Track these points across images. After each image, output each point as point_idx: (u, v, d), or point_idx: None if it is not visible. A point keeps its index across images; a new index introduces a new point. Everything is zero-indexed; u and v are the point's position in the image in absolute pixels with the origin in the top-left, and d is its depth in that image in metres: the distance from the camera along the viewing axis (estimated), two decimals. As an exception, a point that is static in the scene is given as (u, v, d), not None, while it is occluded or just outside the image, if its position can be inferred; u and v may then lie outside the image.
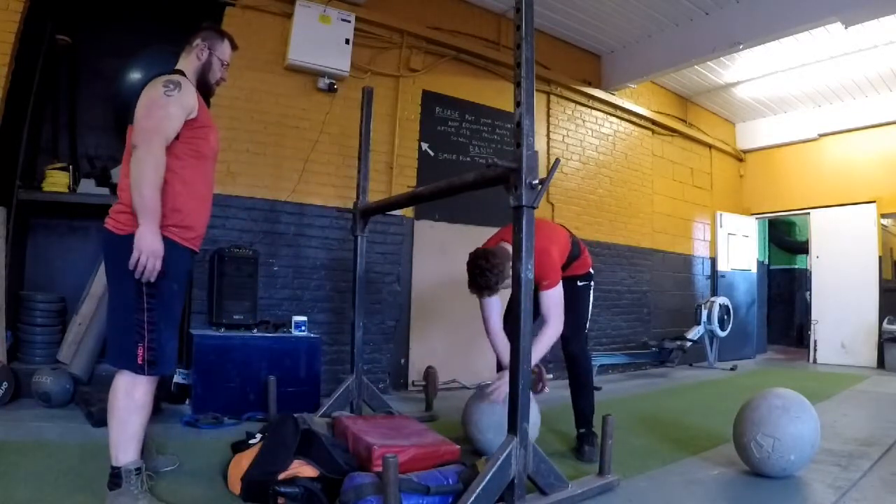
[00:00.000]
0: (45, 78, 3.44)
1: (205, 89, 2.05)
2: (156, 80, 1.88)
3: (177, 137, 1.86)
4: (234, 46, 2.16)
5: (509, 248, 2.40)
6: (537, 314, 2.54)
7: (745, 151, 7.81)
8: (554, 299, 2.46)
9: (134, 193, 1.74)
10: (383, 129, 4.28)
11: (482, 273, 2.36)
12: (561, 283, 2.50)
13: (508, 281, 2.33)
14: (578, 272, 2.75)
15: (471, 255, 2.44)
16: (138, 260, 1.73)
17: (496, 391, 2.43)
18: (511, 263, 2.19)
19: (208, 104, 2.12)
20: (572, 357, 2.73)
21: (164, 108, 1.81)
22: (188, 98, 1.88)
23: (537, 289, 2.46)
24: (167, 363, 1.86)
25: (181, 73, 1.98)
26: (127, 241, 1.80)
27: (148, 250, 1.73)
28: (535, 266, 2.34)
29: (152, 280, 1.78)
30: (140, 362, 1.78)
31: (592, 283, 2.86)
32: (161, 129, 1.79)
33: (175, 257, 1.85)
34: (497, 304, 2.65)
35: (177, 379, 3.18)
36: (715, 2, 4.77)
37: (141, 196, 1.74)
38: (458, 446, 2.16)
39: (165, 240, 1.82)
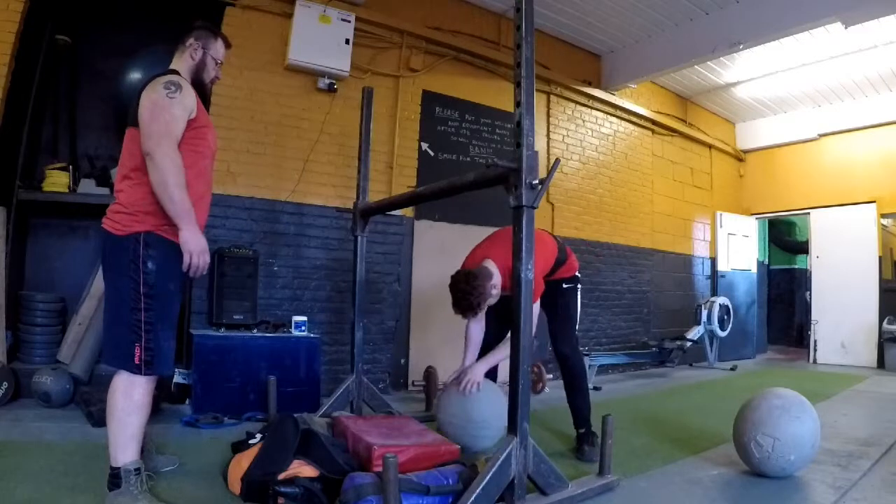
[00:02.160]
0: (45, 78, 3.45)
1: (200, 88, 2.05)
2: (155, 82, 1.87)
3: None
4: (227, 45, 2.17)
5: (490, 265, 2.45)
6: (502, 332, 2.62)
7: (745, 151, 7.80)
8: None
9: (164, 200, 1.77)
10: (383, 129, 4.28)
11: (464, 296, 2.39)
12: (539, 301, 2.54)
13: (492, 299, 2.43)
14: (564, 276, 2.80)
15: (452, 278, 2.46)
16: (190, 263, 1.82)
17: (469, 385, 2.48)
18: (492, 282, 2.37)
19: (206, 103, 2.12)
20: (563, 357, 2.76)
21: (169, 109, 1.81)
22: (189, 99, 1.88)
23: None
24: (164, 363, 1.86)
25: (176, 72, 1.98)
26: (124, 242, 1.81)
27: (196, 250, 1.82)
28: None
29: (204, 274, 1.88)
30: (137, 362, 1.79)
31: (579, 285, 2.92)
32: (170, 131, 1.80)
33: (171, 256, 1.85)
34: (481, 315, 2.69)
35: (177, 379, 3.19)
36: (715, 2, 4.77)
37: (172, 201, 1.76)
38: (458, 446, 2.17)
39: (161, 239, 1.83)
